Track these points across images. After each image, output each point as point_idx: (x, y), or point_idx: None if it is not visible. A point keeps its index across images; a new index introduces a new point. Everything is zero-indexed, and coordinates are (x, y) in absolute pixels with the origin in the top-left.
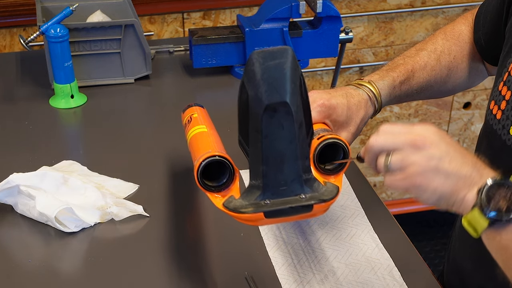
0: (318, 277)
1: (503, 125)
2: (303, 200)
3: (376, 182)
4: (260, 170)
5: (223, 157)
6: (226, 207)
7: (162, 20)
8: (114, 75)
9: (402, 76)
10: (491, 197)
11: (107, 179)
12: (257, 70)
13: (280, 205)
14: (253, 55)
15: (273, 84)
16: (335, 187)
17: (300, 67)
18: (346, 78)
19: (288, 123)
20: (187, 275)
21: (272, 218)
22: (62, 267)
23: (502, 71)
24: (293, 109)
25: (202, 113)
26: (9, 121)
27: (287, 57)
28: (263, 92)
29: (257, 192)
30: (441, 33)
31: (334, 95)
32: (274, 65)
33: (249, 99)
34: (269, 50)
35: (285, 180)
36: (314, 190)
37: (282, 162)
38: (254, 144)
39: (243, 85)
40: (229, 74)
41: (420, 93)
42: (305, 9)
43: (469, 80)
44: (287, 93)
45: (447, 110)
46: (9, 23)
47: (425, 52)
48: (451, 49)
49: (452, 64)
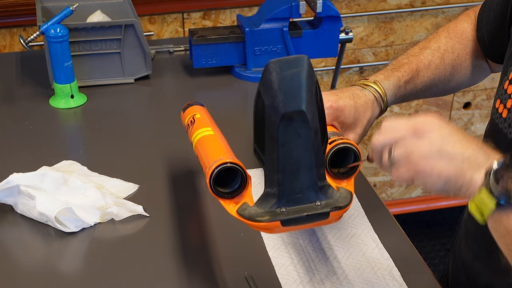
0: (318, 277)
1: (509, 124)
2: (319, 208)
3: (376, 182)
4: (276, 178)
5: (236, 163)
6: (241, 215)
7: (162, 20)
8: (114, 75)
9: (407, 75)
10: (499, 178)
11: (107, 179)
12: (274, 80)
13: (296, 213)
14: (270, 64)
15: (290, 93)
16: (348, 193)
17: (315, 75)
18: (346, 78)
19: (304, 131)
20: (187, 275)
21: (288, 226)
22: (62, 267)
23: (508, 70)
24: (309, 117)
25: (205, 114)
26: (9, 121)
27: (303, 65)
28: (280, 101)
29: (272, 200)
30: (444, 31)
31: (342, 97)
32: (291, 74)
33: (266, 108)
34: (286, 59)
35: (300, 188)
36: (329, 197)
37: (298, 170)
38: (270, 152)
39: (259, 94)
40: (229, 74)
41: (424, 91)
42: (305, 9)
43: (472, 77)
44: (304, 101)
45: (447, 110)
46: (9, 23)
47: (429, 50)
48: (455, 47)
49: (455, 62)
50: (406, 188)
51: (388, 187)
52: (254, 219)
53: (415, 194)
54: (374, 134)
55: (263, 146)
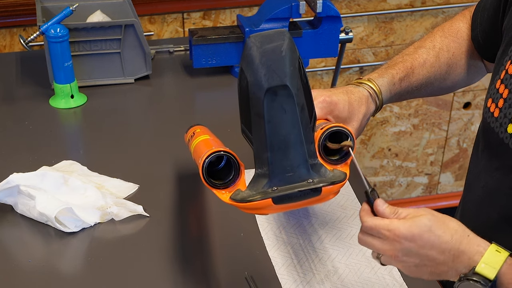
0: (318, 277)
1: (501, 123)
2: (312, 184)
3: (376, 182)
4: (265, 157)
5: (227, 152)
6: (234, 199)
7: (162, 20)
8: (114, 75)
9: (401, 73)
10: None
11: (107, 179)
12: (254, 54)
13: (288, 190)
14: (250, 39)
15: (272, 67)
16: (342, 173)
17: (297, 50)
18: (346, 78)
19: (290, 106)
20: (187, 275)
21: (281, 204)
22: (62, 267)
23: (499, 69)
24: (294, 91)
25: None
26: (9, 121)
27: (284, 39)
28: (262, 76)
29: (263, 181)
30: (439, 30)
31: (335, 92)
32: (272, 48)
33: (249, 84)
34: (266, 33)
35: (291, 166)
36: (322, 175)
37: (287, 147)
38: (257, 130)
39: (242, 71)
40: (229, 74)
41: (420, 89)
42: (305, 9)
43: (468, 76)
44: (287, 75)
45: (447, 110)
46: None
47: (424, 49)
48: (450, 46)
49: (451, 60)
50: (406, 188)
51: (388, 187)
52: (246, 200)
53: (415, 194)
54: (360, 233)
55: (250, 125)
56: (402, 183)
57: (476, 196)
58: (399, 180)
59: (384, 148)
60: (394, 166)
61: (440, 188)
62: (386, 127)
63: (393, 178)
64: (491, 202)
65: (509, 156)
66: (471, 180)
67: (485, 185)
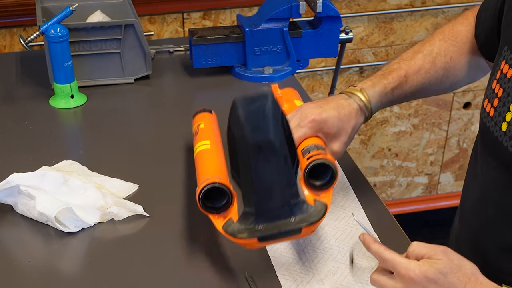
0: (318, 277)
1: (495, 122)
2: (293, 224)
3: (376, 182)
4: (252, 199)
5: (222, 184)
6: (225, 230)
7: (162, 20)
8: (114, 75)
9: (394, 82)
10: None
11: (107, 179)
12: (240, 114)
13: (271, 231)
14: (236, 101)
15: (256, 125)
16: (323, 206)
17: (280, 106)
18: (346, 78)
19: (274, 157)
20: (187, 275)
21: (265, 241)
22: (62, 267)
23: (495, 70)
24: (277, 144)
25: (210, 123)
26: (9, 121)
27: (267, 99)
28: (248, 133)
29: (251, 218)
30: (440, 33)
31: (325, 109)
32: (256, 108)
33: (236, 140)
34: (251, 95)
35: (275, 207)
36: (303, 212)
37: (271, 191)
38: (244, 177)
39: (229, 127)
40: (229, 74)
41: (415, 95)
42: (305, 9)
43: (469, 76)
44: (270, 131)
45: (447, 110)
46: (9, 23)
47: (421, 55)
48: (448, 50)
49: (448, 64)
50: (406, 188)
51: (388, 187)
52: (235, 235)
53: (415, 194)
54: (373, 274)
55: (239, 172)
56: (402, 183)
57: (474, 195)
58: (399, 180)
59: (384, 148)
60: (394, 166)
61: (440, 188)
62: (386, 127)
63: (393, 178)
64: (488, 200)
65: (504, 154)
66: (469, 180)
67: (482, 184)
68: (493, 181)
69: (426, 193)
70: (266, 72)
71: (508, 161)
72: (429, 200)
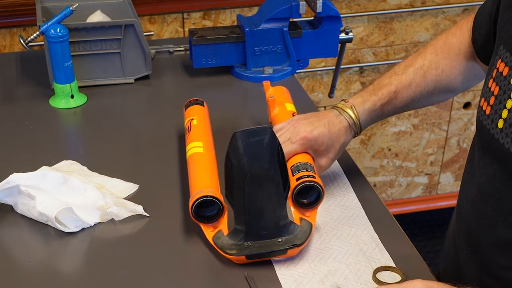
0: (318, 277)
1: (492, 120)
2: (279, 245)
3: (376, 182)
4: (243, 219)
5: (214, 197)
6: (215, 242)
7: (162, 20)
8: (114, 75)
9: (384, 99)
10: None
11: (107, 179)
12: (240, 146)
13: (259, 250)
14: (237, 134)
15: (254, 155)
16: (309, 226)
17: (277, 139)
18: (346, 78)
19: (267, 185)
20: (187, 275)
21: (252, 259)
22: (62, 267)
23: (491, 69)
24: (271, 173)
25: (202, 119)
26: (9, 121)
27: (266, 134)
28: (245, 162)
29: (241, 235)
30: (432, 46)
31: (317, 126)
32: (255, 141)
33: (233, 167)
34: (251, 129)
35: (264, 227)
36: (290, 233)
37: (262, 213)
38: (238, 199)
39: (228, 155)
40: (229, 74)
41: (406, 108)
42: (305, 9)
43: (464, 85)
44: (266, 162)
45: (447, 110)
46: (9, 23)
47: (412, 69)
48: (439, 63)
49: (439, 77)
50: (406, 188)
51: (388, 187)
52: (224, 250)
53: (415, 194)
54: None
55: (233, 194)
56: (402, 183)
57: (471, 192)
58: (399, 180)
59: (384, 148)
60: (394, 166)
61: (440, 188)
62: (386, 127)
63: (393, 178)
64: (485, 197)
65: (500, 151)
66: (467, 178)
67: (479, 181)
68: (489, 178)
69: (426, 193)
70: (266, 72)
71: (504, 158)
72: (429, 200)
